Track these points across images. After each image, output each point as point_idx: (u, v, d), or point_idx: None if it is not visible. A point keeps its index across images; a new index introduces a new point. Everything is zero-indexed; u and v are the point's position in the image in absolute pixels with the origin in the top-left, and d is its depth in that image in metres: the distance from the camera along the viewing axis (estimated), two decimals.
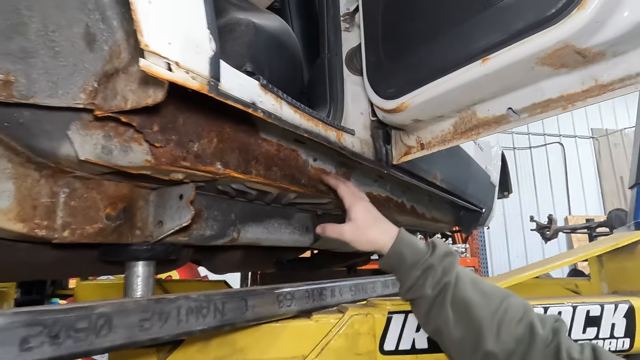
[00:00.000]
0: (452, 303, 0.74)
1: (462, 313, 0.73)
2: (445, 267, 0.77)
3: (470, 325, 0.72)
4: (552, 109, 0.68)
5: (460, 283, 0.75)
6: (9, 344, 0.44)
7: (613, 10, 0.54)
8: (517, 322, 0.71)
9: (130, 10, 0.50)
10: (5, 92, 0.54)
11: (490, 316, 0.71)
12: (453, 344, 0.75)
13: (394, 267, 0.83)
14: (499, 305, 0.72)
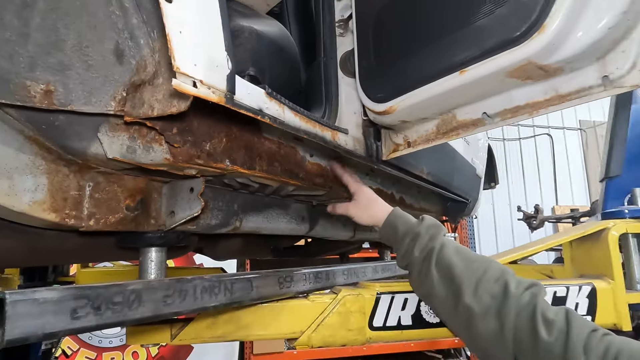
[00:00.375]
0: (436, 264, 0.86)
1: (445, 273, 0.84)
2: (432, 235, 0.90)
3: (451, 283, 0.83)
4: (521, 114, 0.77)
5: (444, 248, 0.87)
6: (62, 313, 0.53)
7: (568, 34, 0.63)
8: (494, 282, 0.81)
9: (155, 31, 0.58)
10: (46, 100, 0.62)
11: (470, 275, 0.82)
12: (439, 302, 0.86)
13: (389, 237, 0.98)
14: (478, 266, 0.83)
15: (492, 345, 0.80)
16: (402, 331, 0.98)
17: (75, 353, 4.27)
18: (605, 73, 0.66)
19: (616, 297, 1.07)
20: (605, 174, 1.49)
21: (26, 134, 0.69)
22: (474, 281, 0.82)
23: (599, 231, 1.18)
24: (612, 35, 0.63)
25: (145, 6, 0.60)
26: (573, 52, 0.65)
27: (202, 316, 0.91)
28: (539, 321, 0.75)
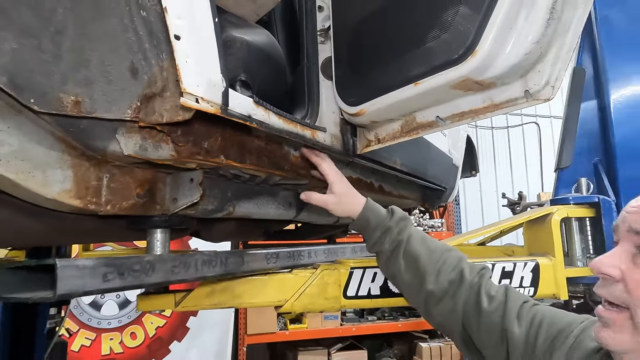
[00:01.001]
0: (403, 255, 1.01)
1: (411, 262, 1.00)
2: (400, 228, 1.04)
3: (417, 271, 0.99)
4: (466, 118, 0.94)
5: (411, 240, 1.02)
6: (95, 277, 0.69)
7: (495, 58, 0.79)
8: (452, 269, 0.98)
9: (164, 54, 0.73)
10: (76, 109, 0.77)
11: (432, 264, 0.99)
12: (404, 285, 1.03)
13: (362, 228, 1.10)
14: (439, 257, 1.00)
15: (446, 319, 0.98)
16: (372, 300, 1.16)
17: (75, 334, 4.44)
18: (527, 88, 0.82)
19: (556, 272, 1.25)
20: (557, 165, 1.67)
21: (56, 135, 0.84)
22: (435, 270, 0.99)
23: (545, 215, 1.36)
24: (529, 59, 0.79)
25: (156, 34, 0.75)
26: (501, 71, 0.81)
27: (201, 286, 1.08)
28: (483, 296, 0.93)
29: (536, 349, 0.83)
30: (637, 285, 0.63)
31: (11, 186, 0.79)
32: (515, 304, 0.90)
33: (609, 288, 0.66)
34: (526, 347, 0.84)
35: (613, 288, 0.66)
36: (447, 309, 0.97)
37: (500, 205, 6.15)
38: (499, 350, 0.89)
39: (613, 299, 0.66)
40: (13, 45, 0.70)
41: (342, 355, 5.01)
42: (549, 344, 0.82)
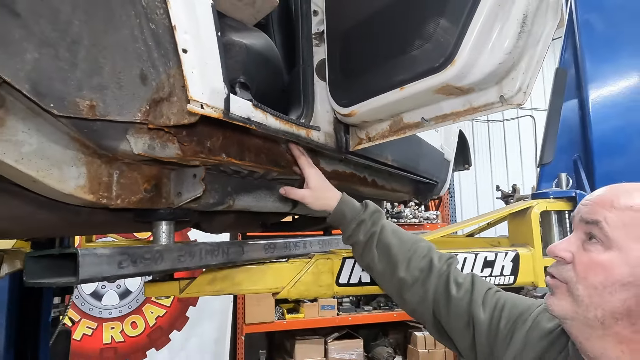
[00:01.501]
0: (377, 246, 1.10)
1: (384, 252, 1.09)
2: (374, 220, 1.12)
3: (389, 260, 1.08)
4: (448, 120, 1.02)
5: (384, 231, 1.10)
6: (112, 264, 0.78)
7: (472, 66, 0.87)
8: (422, 258, 1.07)
9: (171, 62, 0.81)
10: (91, 112, 0.84)
11: (403, 254, 1.07)
12: (378, 274, 1.12)
13: (338, 221, 1.17)
14: (410, 247, 1.08)
15: (418, 305, 1.07)
16: (362, 287, 1.25)
17: (77, 323, 4.53)
18: (502, 94, 0.90)
19: (535, 261, 1.34)
20: (540, 161, 1.76)
21: (71, 135, 0.92)
22: (406, 258, 1.07)
23: (527, 208, 1.45)
24: (503, 68, 0.87)
25: (164, 44, 0.83)
26: (478, 78, 0.89)
27: (203, 274, 1.16)
28: (452, 284, 1.02)
29: (499, 331, 0.92)
30: (581, 265, 0.72)
31: (31, 182, 0.87)
32: (481, 291, 0.99)
33: (559, 268, 0.76)
34: (490, 330, 0.93)
35: (563, 268, 0.75)
36: (418, 296, 1.05)
37: (495, 197, 6.27)
38: (466, 334, 0.97)
39: (559, 276, 0.75)
40: (34, 55, 0.77)
41: (338, 344, 5.13)
42: (510, 326, 0.91)
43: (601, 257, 0.71)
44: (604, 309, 0.69)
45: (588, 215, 0.74)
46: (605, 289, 0.69)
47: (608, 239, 0.70)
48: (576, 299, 0.71)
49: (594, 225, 0.72)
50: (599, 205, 0.73)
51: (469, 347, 0.98)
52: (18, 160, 0.82)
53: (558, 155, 1.74)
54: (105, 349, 4.59)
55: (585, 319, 0.71)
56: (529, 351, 0.86)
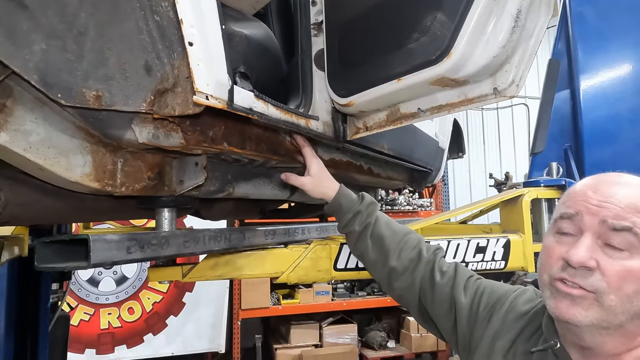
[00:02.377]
0: (371, 236, 1.15)
1: (377, 242, 1.14)
2: (369, 212, 1.17)
3: (381, 250, 1.13)
4: (443, 110, 1.05)
5: (378, 223, 1.15)
6: (121, 250, 0.81)
7: (467, 59, 0.90)
8: (412, 249, 1.12)
9: (175, 54, 0.83)
10: (97, 102, 0.86)
11: (395, 244, 1.12)
12: (370, 263, 1.17)
13: (335, 211, 1.22)
14: (401, 238, 1.13)
15: (405, 292, 1.13)
16: (359, 272, 1.29)
17: (74, 309, 4.57)
18: (495, 86, 0.93)
19: (525, 247, 1.39)
20: (532, 150, 1.80)
21: (77, 124, 0.94)
22: (398, 249, 1.13)
23: (518, 196, 1.49)
24: (497, 61, 0.90)
25: (168, 36, 0.85)
26: (473, 71, 0.92)
27: (206, 260, 1.20)
28: (437, 272, 1.08)
29: (478, 314, 0.98)
30: (614, 274, 0.69)
31: (39, 170, 0.89)
32: (463, 278, 1.05)
33: (587, 278, 0.71)
34: (470, 313, 0.99)
35: (590, 277, 0.70)
36: (407, 284, 1.11)
37: (488, 185, 6.34)
38: (448, 318, 1.04)
39: (588, 286, 0.71)
40: (42, 46, 0.79)
41: (333, 328, 5.23)
42: (489, 310, 0.97)
43: (632, 264, 0.69)
44: (630, 313, 0.69)
45: (617, 222, 0.70)
46: (636, 296, 0.69)
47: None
48: (607, 308, 0.69)
49: (627, 232, 0.70)
50: (626, 210, 0.71)
51: (451, 329, 1.04)
52: (26, 149, 0.84)
53: (549, 144, 1.79)
54: (102, 334, 4.65)
55: (608, 324, 0.70)
56: (505, 332, 0.92)
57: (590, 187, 0.77)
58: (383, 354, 5.26)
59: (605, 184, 0.76)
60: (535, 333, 0.87)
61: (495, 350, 0.90)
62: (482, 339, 0.94)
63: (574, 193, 0.79)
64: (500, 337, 0.91)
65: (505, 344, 0.90)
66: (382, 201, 5.77)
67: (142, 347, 4.71)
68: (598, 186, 0.76)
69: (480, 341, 0.95)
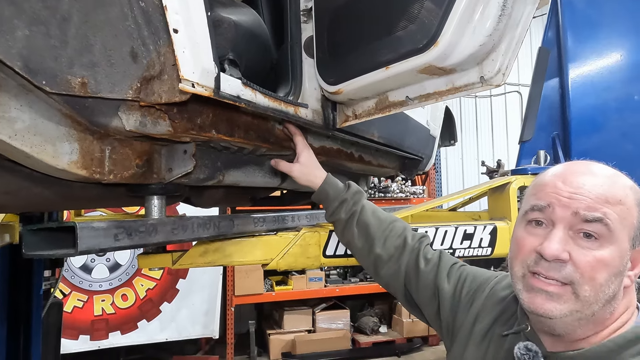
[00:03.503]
0: (357, 224, 1.16)
1: (363, 230, 1.15)
2: (355, 200, 1.19)
3: (367, 238, 1.15)
4: (431, 99, 1.06)
5: (364, 211, 1.17)
6: (108, 237, 0.81)
7: (454, 48, 0.90)
8: (397, 237, 1.14)
9: (161, 40, 0.83)
10: (83, 89, 0.86)
11: (381, 232, 1.14)
12: (357, 251, 1.18)
13: (322, 199, 1.24)
14: (387, 226, 1.15)
15: (391, 279, 1.15)
16: (347, 258, 1.31)
17: (67, 296, 4.59)
18: (482, 74, 0.94)
19: (512, 234, 1.41)
20: (520, 138, 1.82)
21: (63, 112, 0.93)
22: (383, 237, 1.14)
23: (505, 184, 1.51)
24: (484, 50, 0.90)
25: (153, 23, 0.84)
26: (460, 59, 0.92)
27: (196, 247, 1.21)
28: (421, 259, 1.10)
29: (461, 300, 1.01)
30: (587, 265, 0.70)
31: (25, 158, 0.89)
32: (446, 265, 1.08)
33: (561, 270, 0.71)
34: (453, 299, 1.02)
35: (565, 270, 0.71)
36: (392, 271, 1.13)
37: (480, 173, 6.39)
38: (432, 304, 1.06)
39: (562, 278, 0.71)
40: (25, 32, 0.78)
41: (326, 314, 5.30)
42: (471, 295, 1.00)
43: (602, 253, 0.70)
44: (601, 302, 0.71)
45: (589, 213, 0.71)
46: (607, 284, 0.70)
47: (612, 234, 0.70)
48: (582, 299, 0.71)
49: (598, 223, 0.70)
50: (597, 202, 0.71)
51: (435, 315, 1.07)
52: (12, 137, 0.83)
53: (538, 132, 1.81)
54: (96, 320, 4.68)
55: (582, 315, 0.71)
56: (485, 315, 0.95)
57: (560, 178, 0.77)
58: (375, 339, 5.35)
59: (574, 174, 0.76)
60: (511, 317, 0.90)
61: (474, 333, 0.93)
62: (463, 323, 0.97)
63: (544, 184, 0.79)
64: (479, 321, 0.94)
65: (484, 327, 0.92)
66: (374, 189, 5.80)
67: (136, 333, 4.76)
68: (567, 177, 0.76)
69: (462, 326, 0.97)
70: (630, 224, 0.72)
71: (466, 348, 0.93)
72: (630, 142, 1.74)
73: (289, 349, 5.03)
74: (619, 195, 0.72)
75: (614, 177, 0.76)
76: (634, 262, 0.74)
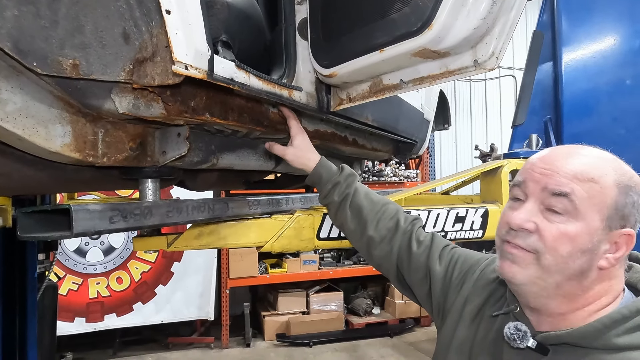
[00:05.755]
0: (350, 206, 1.17)
1: (356, 212, 1.16)
2: (348, 183, 1.20)
3: (360, 220, 1.16)
4: (425, 82, 1.06)
5: (356, 194, 1.18)
6: (104, 219, 0.82)
7: (448, 31, 0.90)
8: (390, 219, 1.15)
9: (153, 22, 0.82)
10: (74, 71, 0.85)
11: (373, 215, 1.15)
12: (350, 233, 1.20)
13: (315, 182, 1.25)
14: (380, 208, 1.16)
15: (383, 260, 1.17)
16: (341, 241, 1.32)
17: (62, 279, 4.60)
18: (476, 58, 0.94)
19: None
20: (513, 122, 1.82)
21: (55, 94, 0.93)
22: (376, 219, 1.16)
23: (497, 167, 1.53)
24: (478, 33, 0.90)
25: (146, 3, 0.83)
26: (453, 43, 0.92)
27: (190, 229, 1.22)
28: (413, 241, 1.11)
29: (452, 281, 1.03)
30: (551, 236, 0.73)
31: (17, 141, 0.89)
32: (438, 248, 1.10)
33: (525, 238, 0.76)
34: (444, 281, 1.04)
35: (530, 239, 0.75)
36: (385, 252, 1.15)
37: (474, 156, 6.42)
38: (423, 285, 1.09)
39: (527, 246, 0.75)
40: (14, 12, 0.76)
41: (319, 296, 5.37)
42: (462, 277, 1.02)
43: (568, 228, 0.73)
44: (564, 274, 0.74)
45: (556, 187, 0.74)
46: (570, 257, 0.73)
47: (577, 210, 0.72)
48: (543, 267, 0.74)
49: (563, 197, 0.73)
50: (565, 177, 0.74)
51: (426, 296, 1.09)
52: (3, 119, 0.83)
53: (530, 116, 1.81)
54: (91, 303, 4.71)
55: (545, 283, 0.75)
56: (475, 297, 0.97)
57: (541, 158, 0.80)
58: (368, 320, 5.45)
59: (553, 154, 0.79)
60: (500, 299, 0.92)
61: (464, 314, 0.95)
62: (453, 304, 0.99)
63: (527, 163, 0.83)
64: (469, 302, 0.96)
65: (474, 308, 0.95)
66: (369, 172, 5.82)
67: (132, 315, 4.80)
68: (548, 157, 0.79)
69: (452, 307, 0.99)
70: (602, 203, 0.73)
71: (456, 328, 0.96)
72: (621, 126, 1.76)
73: (284, 330, 5.10)
74: (592, 174, 0.74)
75: (595, 158, 0.77)
76: (615, 245, 0.75)
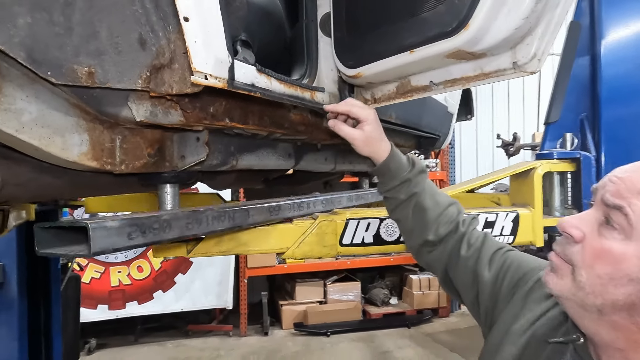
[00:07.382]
0: (414, 206, 1.08)
1: (418, 214, 1.08)
2: (417, 181, 1.08)
3: (421, 222, 1.08)
4: (457, 84, 0.99)
5: (423, 194, 1.08)
6: (122, 236, 0.79)
7: (487, 31, 0.82)
8: (450, 222, 1.07)
9: (171, 26, 0.77)
10: (90, 80, 0.81)
11: (435, 217, 1.06)
12: (405, 230, 1.12)
13: (380, 173, 1.12)
14: (442, 211, 1.07)
15: (434, 262, 1.10)
16: (365, 247, 1.28)
17: (85, 268, 4.71)
18: (515, 60, 0.87)
19: (534, 221, 1.37)
20: (546, 120, 1.73)
21: (71, 102, 0.89)
22: (437, 222, 1.06)
23: (530, 169, 1.45)
24: (519, 33, 0.83)
25: (162, 7, 0.78)
26: (492, 44, 0.85)
27: (210, 236, 1.19)
28: (464, 244, 1.04)
29: (502, 289, 0.95)
30: (591, 250, 0.66)
31: (34, 151, 0.86)
32: (489, 252, 1.02)
33: (566, 247, 0.70)
34: (493, 288, 0.96)
35: (570, 248, 0.69)
36: (436, 256, 1.08)
37: (495, 145, 6.24)
38: (471, 290, 1.02)
39: (564, 255, 0.70)
40: (27, 19, 0.73)
41: (337, 286, 5.37)
42: (513, 286, 0.93)
43: (615, 246, 0.65)
44: (605, 298, 0.65)
45: (612, 198, 0.66)
46: (611, 281, 0.65)
47: (632, 229, 0.64)
48: (577, 283, 0.67)
49: (617, 211, 0.65)
50: (626, 189, 0.66)
51: (473, 302, 1.02)
52: (19, 130, 0.80)
53: (565, 113, 1.71)
54: (113, 291, 4.81)
55: (582, 303, 0.68)
56: (525, 312, 0.88)
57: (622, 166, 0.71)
58: (385, 310, 5.43)
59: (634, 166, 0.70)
60: (557, 319, 0.82)
61: (512, 330, 0.87)
62: (501, 315, 0.92)
63: None
64: (520, 317, 0.88)
65: (523, 325, 0.86)
66: None
67: (152, 303, 4.89)
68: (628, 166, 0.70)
69: (499, 317, 0.92)
70: None
71: (502, 343, 0.88)
72: None
73: (301, 319, 5.13)
74: None
75: None
76: None
